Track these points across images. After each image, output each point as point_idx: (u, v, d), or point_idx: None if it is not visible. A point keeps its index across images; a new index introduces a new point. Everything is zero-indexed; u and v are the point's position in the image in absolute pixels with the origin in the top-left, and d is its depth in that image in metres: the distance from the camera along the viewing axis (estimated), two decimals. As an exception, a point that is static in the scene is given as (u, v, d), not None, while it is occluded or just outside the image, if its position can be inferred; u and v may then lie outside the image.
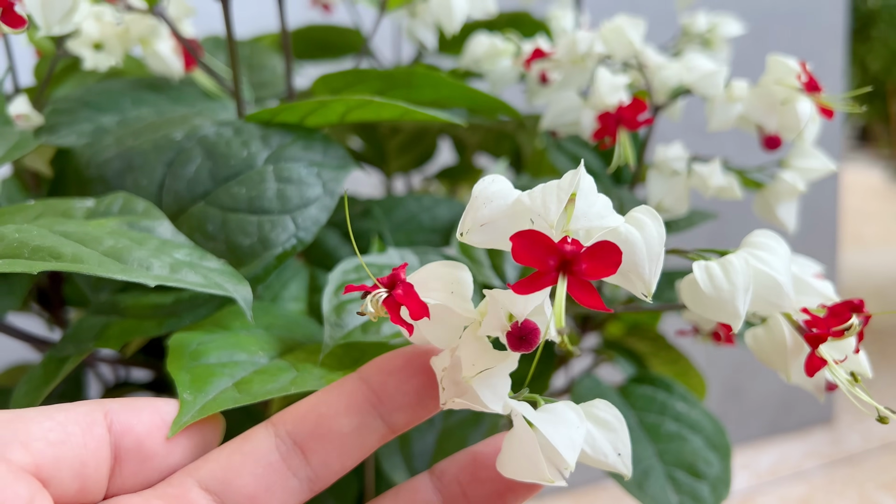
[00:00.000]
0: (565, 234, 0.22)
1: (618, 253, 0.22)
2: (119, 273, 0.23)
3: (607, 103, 0.41)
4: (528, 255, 0.22)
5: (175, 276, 0.25)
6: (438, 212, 0.50)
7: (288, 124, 0.37)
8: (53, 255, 0.24)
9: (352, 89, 0.46)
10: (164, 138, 0.37)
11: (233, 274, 0.27)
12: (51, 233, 0.26)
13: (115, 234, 0.27)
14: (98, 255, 0.24)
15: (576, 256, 0.22)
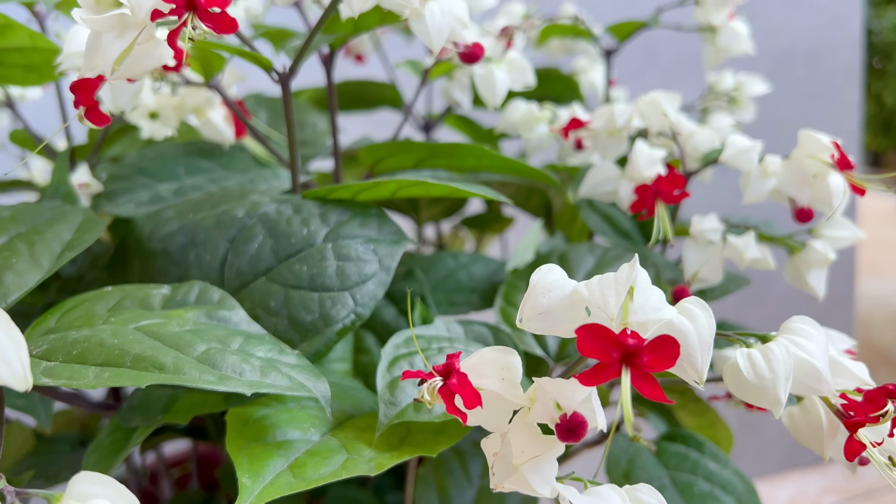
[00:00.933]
0: (623, 325, 0.24)
1: (676, 346, 0.24)
2: (218, 384, 0.25)
3: (645, 176, 0.43)
4: (592, 347, 0.24)
5: (266, 380, 0.27)
6: (475, 270, 0.52)
7: (343, 200, 0.39)
8: (156, 365, 0.26)
9: (395, 158, 0.48)
10: (226, 215, 0.39)
11: (310, 370, 0.29)
12: (144, 335, 0.28)
13: (201, 333, 0.29)
14: (195, 363, 0.26)
15: (638, 350, 0.23)
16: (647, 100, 0.45)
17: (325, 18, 0.37)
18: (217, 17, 0.30)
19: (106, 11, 0.31)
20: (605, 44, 0.60)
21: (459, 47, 0.37)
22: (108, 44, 0.31)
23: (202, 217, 0.39)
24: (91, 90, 0.31)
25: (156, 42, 0.31)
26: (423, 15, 0.34)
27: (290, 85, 0.39)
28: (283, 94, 0.39)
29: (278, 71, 0.39)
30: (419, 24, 0.35)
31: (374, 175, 0.50)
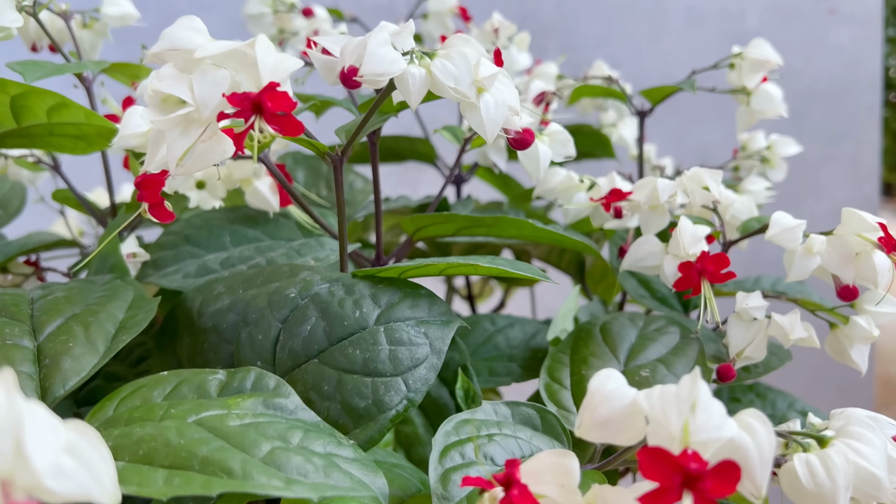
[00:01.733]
0: (685, 445, 0.24)
1: (738, 471, 0.24)
2: (285, 490, 0.26)
3: (689, 254, 0.43)
4: (655, 472, 0.24)
5: (329, 481, 0.27)
6: (512, 334, 0.52)
7: (392, 278, 0.40)
8: (224, 469, 0.26)
9: (437, 226, 0.48)
10: (279, 294, 0.39)
11: (367, 465, 0.30)
12: (209, 433, 0.28)
13: (262, 428, 0.29)
14: (262, 466, 0.27)
15: (700, 476, 0.23)
16: (691, 175, 0.46)
17: (379, 104, 0.38)
18: (283, 119, 0.30)
19: (171, 110, 0.32)
20: (638, 104, 0.61)
21: (510, 133, 0.38)
22: (173, 140, 0.31)
23: (254, 295, 0.40)
24: (156, 187, 0.32)
25: (219, 138, 0.32)
26: (478, 108, 0.35)
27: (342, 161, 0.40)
28: (334, 176, 0.40)
29: (332, 155, 0.39)
30: (473, 115, 0.35)
31: (414, 240, 0.51)
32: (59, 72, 0.46)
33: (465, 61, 0.34)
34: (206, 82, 0.31)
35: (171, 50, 0.32)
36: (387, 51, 0.34)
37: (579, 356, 0.43)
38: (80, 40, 0.56)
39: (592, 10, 1.00)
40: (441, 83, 0.34)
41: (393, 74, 0.34)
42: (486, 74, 0.35)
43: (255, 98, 0.30)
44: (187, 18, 0.33)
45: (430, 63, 0.35)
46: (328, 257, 0.45)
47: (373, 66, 0.33)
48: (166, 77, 0.32)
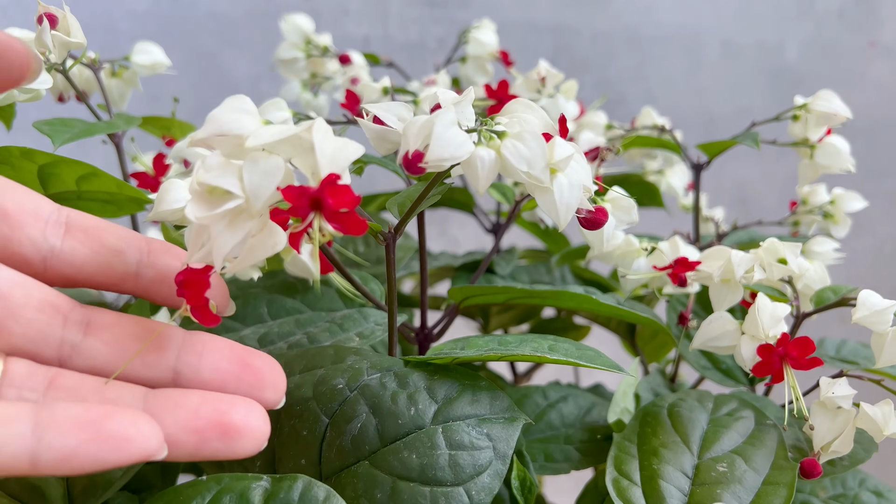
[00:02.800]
0: None
1: None
2: None
3: (769, 336, 0.39)
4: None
5: None
6: (566, 410, 0.49)
7: (448, 368, 0.36)
8: None
9: (488, 297, 0.45)
10: (325, 384, 0.36)
11: None
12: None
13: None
14: None
15: None
16: (767, 247, 0.42)
17: (438, 181, 0.35)
18: (345, 217, 0.27)
19: (217, 201, 0.29)
20: (695, 157, 0.58)
21: (581, 213, 0.35)
22: (219, 234, 0.28)
23: (297, 383, 0.37)
24: (200, 288, 0.29)
25: (270, 230, 0.29)
26: (550, 191, 0.32)
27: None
28: (387, 254, 0.37)
29: (385, 233, 0.36)
30: (545, 198, 0.32)
31: (460, 309, 0.47)
32: (88, 133, 0.43)
33: (539, 142, 0.31)
34: (256, 172, 0.27)
35: (219, 136, 0.29)
36: (454, 132, 0.30)
37: (648, 446, 0.40)
38: (108, 90, 0.53)
39: (627, 44, 0.97)
40: (512, 167, 0.31)
41: (461, 158, 0.31)
42: (562, 157, 0.32)
43: (314, 194, 0.27)
44: (236, 99, 0.30)
45: (501, 144, 0.32)
46: (373, 333, 0.42)
47: (440, 150, 0.30)
48: (213, 167, 0.28)
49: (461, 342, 0.39)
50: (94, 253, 0.30)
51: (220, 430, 0.26)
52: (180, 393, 0.27)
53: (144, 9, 0.81)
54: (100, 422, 0.23)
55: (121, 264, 0.30)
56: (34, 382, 0.26)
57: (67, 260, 0.29)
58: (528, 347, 0.37)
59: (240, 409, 0.26)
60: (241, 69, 0.85)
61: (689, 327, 0.49)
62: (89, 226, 0.30)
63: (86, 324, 0.28)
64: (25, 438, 0.23)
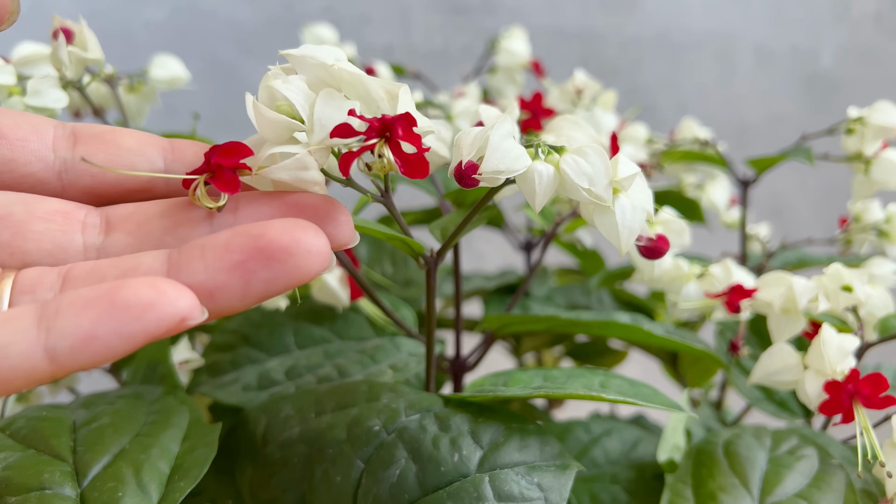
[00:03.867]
0: None
1: None
2: None
3: (836, 371, 0.36)
4: None
5: None
6: (610, 445, 0.46)
7: (493, 408, 0.34)
8: None
9: (527, 325, 0.42)
10: (359, 426, 0.33)
11: None
12: None
13: None
14: None
15: None
16: (831, 273, 0.39)
17: (485, 202, 0.32)
18: (412, 157, 0.24)
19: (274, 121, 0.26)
20: (741, 173, 0.55)
21: (641, 240, 0.32)
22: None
23: (329, 424, 0.34)
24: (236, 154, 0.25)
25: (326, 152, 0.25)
26: (612, 212, 0.29)
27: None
28: (427, 281, 0.34)
29: (427, 257, 0.33)
30: (606, 220, 0.29)
31: (496, 338, 0.45)
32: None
33: (602, 158, 0.28)
34: (331, 105, 0.25)
35: (311, 57, 0.26)
36: (511, 144, 0.28)
37: (705, 490, 0.37)
38: (125, 105, 0.51)
39: (657, 51, 0.94)
40: (573, 183, 0.28)
41: (517, 172, 0.28)
42: (627, 174, 0.29)
43: (389, 120, 0.24)
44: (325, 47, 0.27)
45: (560, 159, 0.29)
46: (407, 365, 0.39)
47: (496, 162, 0.27)
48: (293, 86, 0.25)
49: (503, 377, 0.36)
50: (112, 156, 0.26)
51: (264, 255, 0.21)
52: (207, 237, 0.23)
53: (162, 19, 0.79)
54: (111, 294, 0.20)
55: (146, 165, 0.27)
56: (47, 282, 0.23)
57: (85, 169, 0.26)
58: (579, 385, 0.34)
59: (278, 227, 0.22)
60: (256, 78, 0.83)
61: (741, 355, 0.46)
62: (100, 132, 0.27)
63: (105, 223, 0.25)
64: (31, 334, 0.19)
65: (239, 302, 0.21)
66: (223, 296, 0.21)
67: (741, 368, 0.48)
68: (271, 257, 0.21)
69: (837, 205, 0.60)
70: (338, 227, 0.24)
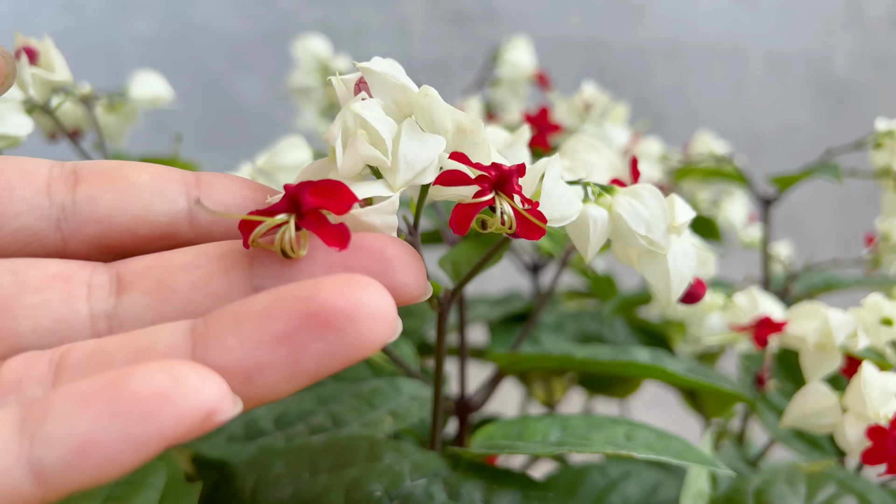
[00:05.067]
0: None
1: None
2: None
3: (879, 415, 0.33)
4: None
5: None
6: (628, 490, 0.42)
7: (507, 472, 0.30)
8: None
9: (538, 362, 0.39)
10: (358, 491, 0.30)
11: None
12: None
13: None
14: None
15: None
16: (870, 305, 0.36)
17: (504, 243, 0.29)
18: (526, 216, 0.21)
19: None
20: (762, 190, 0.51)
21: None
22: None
23: (325, 486, 0.31)
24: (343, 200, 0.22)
25: None
26: (664, 259, 0.26)
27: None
28: (438, 323, 0.31)
29: (440, 297, 0.30)
30: (655, 267, 0.26)
31: (504, 373, 0.41)
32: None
33: (659, 201, 0.25)
34: (418, 141, 0.21)
35: (392, 76, 0.23)
36: (563, 188, 0.25)
37: (737, 549, 0.34)
38: (105, 126, 0.47)
39: (666, 60, 0.91)
40: (629, 228, 0.25)
41: (571, 219, 0.25)
42: (684, 220, 0.26)
43: (507, 172, 0.21)
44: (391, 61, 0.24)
45: (613, 202, 0.26)
46: (408, 410, 0.36)
47: (550, 209, 0.24)
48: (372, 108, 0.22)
49: (515, 426, 0.33)
50: (123, 196, 0.21)
51: (317, 322, 0.17)
52: (245, 301, 0.18)
53: (151, 33, 0.76)
54: (114, 386, 0.15)
55: (166, 204, 0.22)
56: (37, 374, 0.18)
57: (90, 214, 0.21)
58: (603, 438, 0.31)
59: (333, 285, 0.17)
60: (254, 95, 0.80)
61: (768, 389, 0.43)
62: (106, 168, 0.22)
63: (116, 282, 0.21)
64: (10, 445, 0.15)
65: (285, 385, 0.17)
66: (265, 378, 0.17)
67: (768, 403, 0.44)
68: (326, 325, 0.17)
69: (855, 216, 0.56)
70: (409, 276, 0.20)
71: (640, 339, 0.53)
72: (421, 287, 0.20)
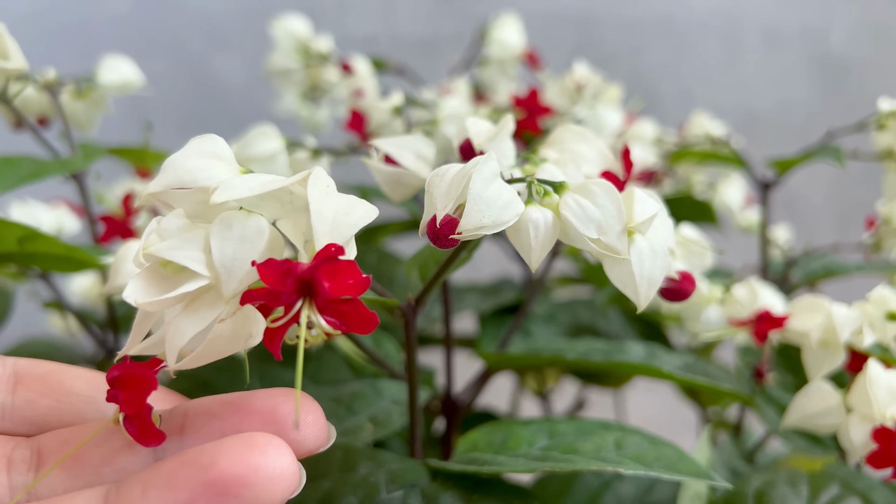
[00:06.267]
0: None
1: None
2: None
3: (886, 416, 0.31)
4: None
5: None
6: (623, 490, 0.41)
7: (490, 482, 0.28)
8: None
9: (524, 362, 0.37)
10: (332, 503, 0.28)
11: None
12: None
13: None
14: None
15: None
16: (875, 299, 0.34)
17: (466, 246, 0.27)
18: (347, 307, 0.19)
19: (174, 280, 0.21)
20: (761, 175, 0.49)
21: (663, 282, 0.26)
22: (174, 321, 0.21)
23: (296, 500, 0.29)
24: (142, 389, 0.21)
25: (244, 316, 0.21)
26: (627, 261, 0.24)
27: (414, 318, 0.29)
28: (405, 331, 0.29)
29: (403, 307, 0.28)
30: (619, 270, 0.24)
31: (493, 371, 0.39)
32: (37, 176, 0.36)
33: (613, 198, 0.23)
34: (230, 238, 0.20)
35: (180, 189, 0.21)
36: (497, 189, 0.23)
37: (736, 556, 0.32)
38: (72, 114, 0.45)
39: (660, 36, 0.88)
40: (577, 232, 0.23)
41: (507, 224, 0.23)
42: (644, 217, 0.23)
43: (303, 274, 0.19)
44: (204, 140, 0.22)
45: (560, 201, 0.24)
46: (389, 417, 0.34)
47: (478, 216, 0.22)
48: (170, 233, 0.21)
49: (500, 432, 0.31)
50: (57, 403, 0.24)
51: (214, 490, 0.18)
52: (151, 469, 0.19)
53: (126, 12, 0.73)
54: None
55: (97, 413, 0.24)
56: None
57: (26, 417, 0.24)
58: (591, 446, 0.29)
59: (231, 451, 0.19)
60: (234, 75, 0.77)
61: (767, 383, 0.41)
62: (45, 372, 0.24)
63: (35, 456, 0.22)
64: None
65: None
66: None
67: (767, 397, 0.43)
68: (225, 492, 0.18)
69: (852, 194, 0.54)
70: (303, 432, 0.21)
71: (635, 328, 0.51)
72: (320, 439, 0.21)
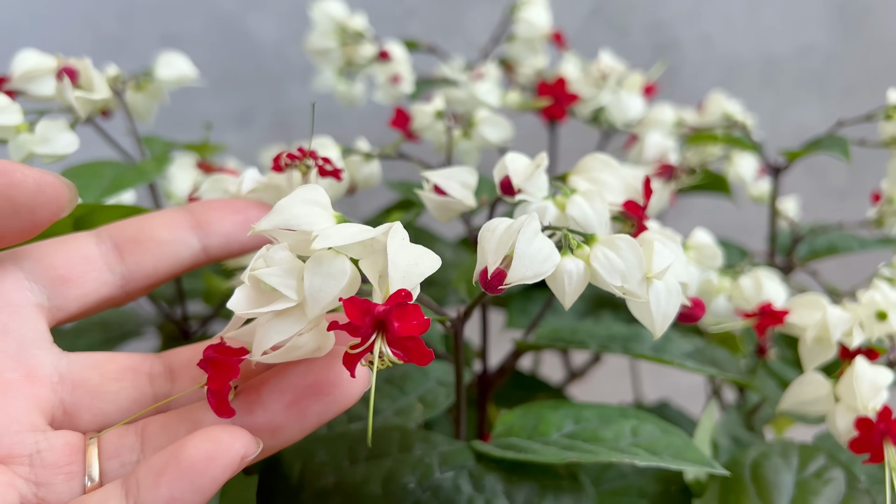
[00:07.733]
0: None
1: None
2: None
3: (868, 407, 0.36)
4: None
5: None
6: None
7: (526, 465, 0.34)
8: None
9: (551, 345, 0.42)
10: (394, 482, 0.34)
11: None
12: None
13: None
14: None
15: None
16: (866, 302, 0.38)
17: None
18: (410, 344, 0.24)
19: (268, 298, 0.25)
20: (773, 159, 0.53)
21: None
22: (264, 327, 0.25)
23: (363, 477, 0.35)
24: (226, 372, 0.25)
25: (320, 332, 0.25)
26: (647, 301, 0.28)
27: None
28: (454, 339, 0.34)
29: (453, 320, 0.33)
30: (638, 305, 0.29)
31: (521, 353, 0.44)
32: (118, 186, 0.40)
33: (635, 252, 0.27)
34: (320, 273, 0.24)
35: (286, 230, 0.26)
36: (538, 246, 0.27)
37: (732, 518, 0.38)
38: (132, 106, 0.49)
39: (682, -17, 0.89)
40: (604, 280, 0.28)
41: (546, 274, 0.27)
42: (661, 268, 0.28)
43: (379, 314, 0.23)
44: (308, 189, 0.27)
45: (590, 253, 0.28)
46: (436, 399, 0.39)
47: (523, 270, 0.26)
48: (276, 262, 0.25)
49: (532, 417, 0.37)
50: (157, 257, 0.29)
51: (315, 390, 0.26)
52: (274, 373, 0.26)
53: (160, -26, 0.75)
54: (175, 457, 0.22)
55: (186, 250, 0.30)
56: (128, 444, 0.25)
57: (142, 275, 0.29)
58: (611, 433, 0.34)
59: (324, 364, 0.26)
60: (267, 33, 0.80)
61: (769, 358, 0.46)
62: (134, 235, 0.30)
63: (169, 371, 0.28)
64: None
65: (298, 434, 0.25)
66: (284, 433, 0.25)
67: (768, 370, 0.48)
68: (321, 391, 0.25)
69: (860, 157, 0.56)
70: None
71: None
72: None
